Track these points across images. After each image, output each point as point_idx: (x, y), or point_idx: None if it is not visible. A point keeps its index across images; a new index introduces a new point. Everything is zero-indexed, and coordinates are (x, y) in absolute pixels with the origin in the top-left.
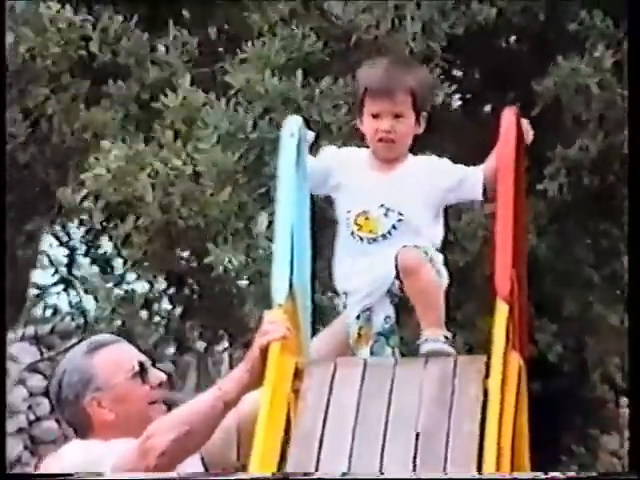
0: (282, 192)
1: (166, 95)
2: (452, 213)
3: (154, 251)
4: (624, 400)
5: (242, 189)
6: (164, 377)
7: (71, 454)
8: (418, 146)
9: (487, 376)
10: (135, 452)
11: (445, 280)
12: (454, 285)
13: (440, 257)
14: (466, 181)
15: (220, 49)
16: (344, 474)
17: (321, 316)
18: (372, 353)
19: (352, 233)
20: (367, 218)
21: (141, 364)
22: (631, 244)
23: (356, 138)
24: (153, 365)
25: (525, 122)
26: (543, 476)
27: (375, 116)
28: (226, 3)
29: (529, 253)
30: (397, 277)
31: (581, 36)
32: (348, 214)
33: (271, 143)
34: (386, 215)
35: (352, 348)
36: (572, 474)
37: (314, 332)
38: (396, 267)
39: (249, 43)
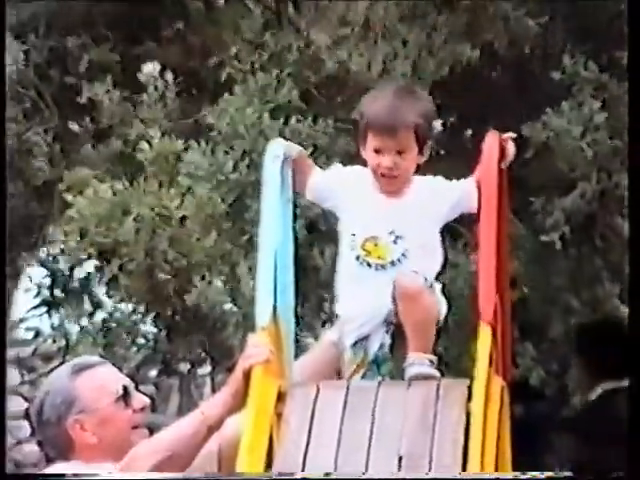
0: (266, 215)
1: (146, 145)
2: None
3: (139, 289)
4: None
5: (226, 235)
6: (147, 401)
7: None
8: None
9: (470, 399)
10: (117, 477)
11: (444, 307)
12: None
13: (438, 285)
14: (463, 195)
15: (200, 93)
16: (327, 474)
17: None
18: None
19: (358, 257)
20: (376, 244)
21: (125, 388)
22: (632, 250)
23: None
24: (136, 389)
25: (508, 142)
26: (522, 476)
27: (377, 151)
28: (204, 46)
29: (512, 277)
30: (393, 301)
31: (566, 83)
32: (353, 237)
33: (251, 185)
34: (395, 242)
35: (345, 376)
36: (568, 474)
37: (297, 355)
38: (393, 291)
39: (226, 92)
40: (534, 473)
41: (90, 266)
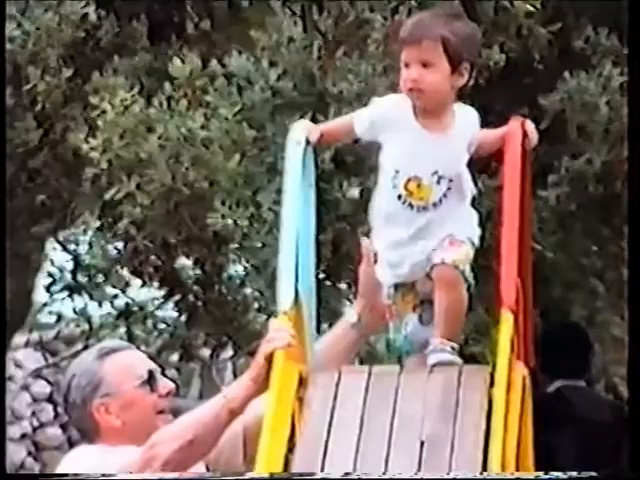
0: (287, 200)
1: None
2: None
3: (155, 215)
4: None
5: (251, 160)
6: (173, 386)
7: (76, 461)
8: None
9: (492, 386)
10: (139, 461)
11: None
12: None
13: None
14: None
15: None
16: (346, 474)
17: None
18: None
19: (400, 197)
20: (419, 185)
21: (150, 372)
22: (631, 253)
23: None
24: (162, 374)
25: (530, 126)
26: (544, 476)
27: (406, 65)
28: None
29: (535, 261)
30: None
31: (587, 53)
32: (396, 174)
33: (286, 104)
34: (438, 182)
35: (394, 312)
36: (573, 474)
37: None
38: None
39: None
40: (556, 473)
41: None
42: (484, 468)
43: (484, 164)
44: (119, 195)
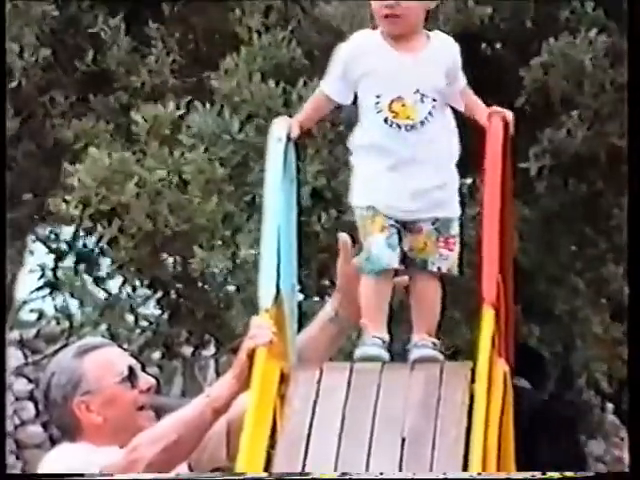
0: (269, 197)
1: (153, 102)
2: None
3: (140, 256)
4: (610, 406)
5: (228, 198)
6: (153, 382)
7: (59, 459)
8: None
9: (473, 382)
10: (122, 462)
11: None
12: None
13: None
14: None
15: (203, 58)
16: (343, 474)
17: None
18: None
19: (386, 120)
20: (403, 105)
21: (131, 368)
22: (631, 253)
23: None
24: (142, 370)
25: (510, 117)
26: (540, 475)
27: None
28: (208, 10)
29: (515, 258)
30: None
31: (573, 23)
32: (378, 99)
33: (255, 149)
34: (422, 101)
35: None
36: (570, 474)
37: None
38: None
39: (231, 54)
40: (552, 473)
41: (91, 241)
42: (465, 465)
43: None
44: (103, 241)
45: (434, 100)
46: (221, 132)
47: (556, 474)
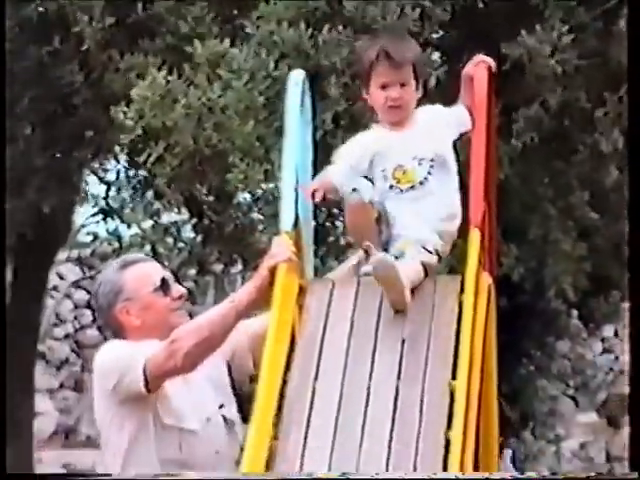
0: (288, 134)
1: (197, 42)
2: None
3: (182, 173)
4: (574, 312)
5: (262, 123)
6: (184, 291)
7: (111, 350)
8: None
9: (462, 292)
10: (163, 353)
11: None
12: None
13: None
14: (460, 118)
15: (239, 6)
16: (344, 474)
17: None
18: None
19: (391, 187)
20: (404, 172)
21: (164, 279)
22: (632, 241)
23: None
24: (176, 281)
25: (493, 64)
26: (550, 476)
27: (383, 87)
28: None
29: (497, 187)
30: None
31: (540, 9)
32: (384, 171)
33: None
34: (420, 164)
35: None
36: (572, 475)
37: (315, 255)
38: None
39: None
40: (558, 476)
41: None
42: (455, 363)
43: None
44: (151, 159)
45: (432, 161)
46: (258, 69)
47: (561, 476)
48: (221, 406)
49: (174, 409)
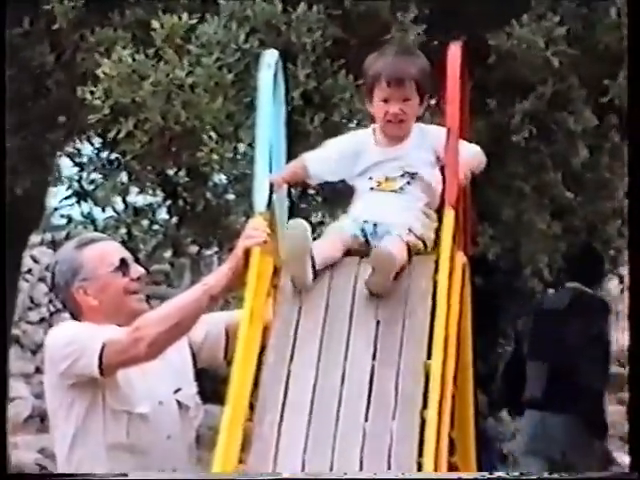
0: (261, 116)
1: (165, 15)
2: None
3: (152, 150)
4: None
5: (231, 100)
6: (143, 271)
7: (64, 331)
8: None
9: (437, 272)
10: (125, 339)
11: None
12: None
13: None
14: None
15: None
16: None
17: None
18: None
19: (372, 188)
20: (387, 179)
21: (122, 260)
22: (632, 242)
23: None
24: (136, 261)
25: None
26: (547, 476)
27: (385, 100)
28: None
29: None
30: None
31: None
32: (370, 180)
33: (257, 58)
34: (402, 176)
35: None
36: (572, 475)
37: None
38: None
39: None
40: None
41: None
42: (430, 344)
43: None
44: (120, 135)
45: (413, 175)
46: (228, 42)
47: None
48: (177, 390)
49: (124, 393)
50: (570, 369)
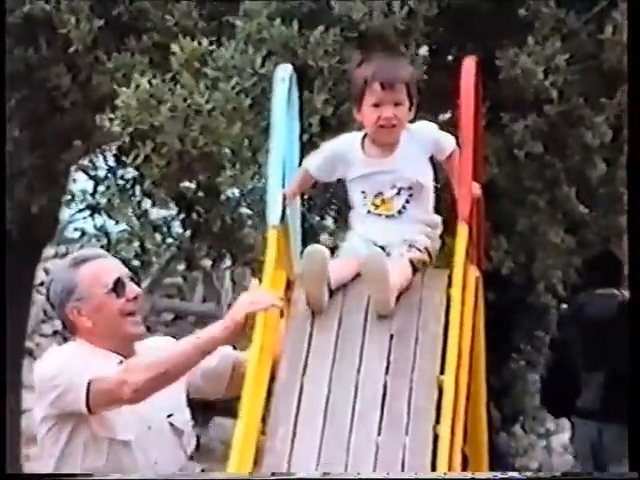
0: (275, 130)
1: (183, 39)
2: None
3: (169, 173)
4: (564, 306)
5: (249, 124)
6: (139, 291)
7: (52, 361)
8: None
9: (450, 286)
10: (112, 381)
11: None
12: None
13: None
14: (439, 144)
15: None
16: (325, 474)
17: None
18: None
19: (369, 212)
20: (383, 200)
21: (118, 280)
22: (631, 237)
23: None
24: (132, 280)
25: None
26: (548, 475)
27: (376, 105)
28: None
29: (488, 181)
30: None
31: (529, 19)
32: (364, 194)
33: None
34: (399, 194)
35: None
36: (572, 476)
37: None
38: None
39: None
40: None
41: (127, 171)
42: (443, 355)
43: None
44: (138, 160)
45: (410, 189)
46: (245, 66)
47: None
48: (169, 415)
49: (109, 419)
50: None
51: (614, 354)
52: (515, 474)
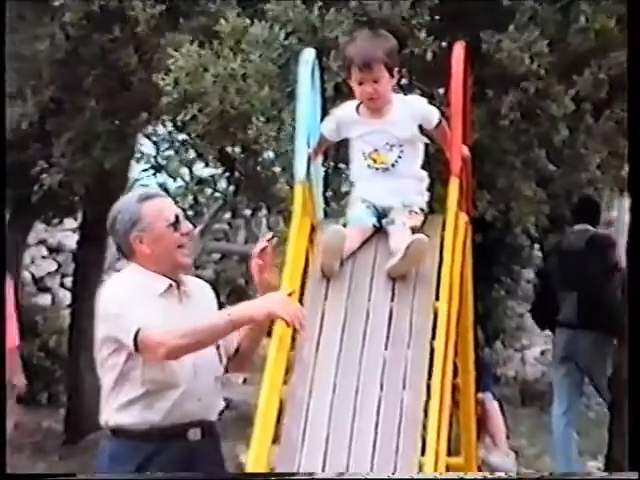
0: (300, 103)
1: (223, 21)
2: None
3: (212, 129)
4: (537, 246)
5: (276, 89)
6: (192, 228)
7: (117, 291)
8: None
9: (444, 229)
10: (153, 336)
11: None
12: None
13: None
14: (425, 115)
15: None
16: (340, 473)
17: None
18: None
19: (368, 166)
20: (379, 154)
21: (177, 216)
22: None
23: None
24: (186, 218)
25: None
26: (548, 476)
27: (360, 83)
28: None
29: (473, 145)
30: None
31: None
32: (363, 154)
33: (296, 53)
34: (391, 150)
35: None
36: (572, 476)
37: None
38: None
39: None
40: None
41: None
42: (438, 285)
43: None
44: (187, 117)
45: (401, 145)
46: (272, 41)
47: (560, 475)
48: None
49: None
50: (596, 295)
51: (586, 277)
52: (502, 474)
